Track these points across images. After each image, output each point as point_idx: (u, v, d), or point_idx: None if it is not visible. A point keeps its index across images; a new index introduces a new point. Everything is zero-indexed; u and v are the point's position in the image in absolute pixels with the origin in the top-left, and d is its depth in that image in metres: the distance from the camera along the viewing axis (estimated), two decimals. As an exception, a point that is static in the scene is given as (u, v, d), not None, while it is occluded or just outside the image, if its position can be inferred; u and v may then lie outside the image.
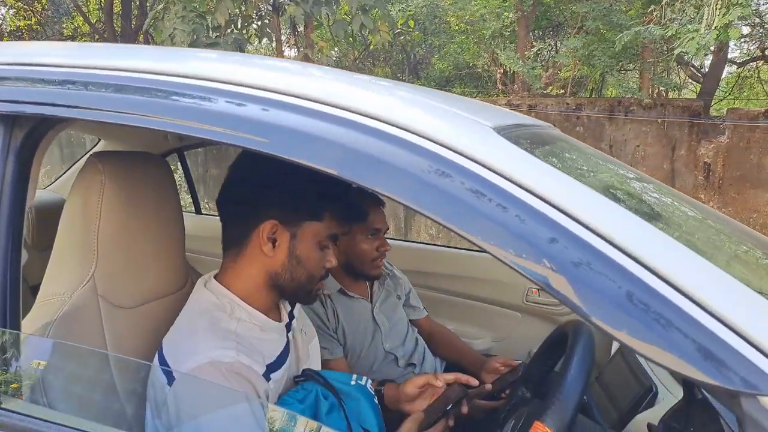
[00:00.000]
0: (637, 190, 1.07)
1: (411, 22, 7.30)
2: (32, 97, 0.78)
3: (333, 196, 1.03)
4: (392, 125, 0.61)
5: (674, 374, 0.99)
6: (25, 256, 0.85)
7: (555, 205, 0.56)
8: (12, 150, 0.79)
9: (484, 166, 0.59)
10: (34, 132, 0.82)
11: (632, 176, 1.16)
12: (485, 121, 0.69)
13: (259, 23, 5.78)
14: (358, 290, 1.66)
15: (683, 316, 0.48)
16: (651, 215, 0.87)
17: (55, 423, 0.70)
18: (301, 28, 7.05)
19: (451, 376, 1.15)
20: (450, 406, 1.07)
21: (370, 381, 1.10)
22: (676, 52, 3.94)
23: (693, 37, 3.43)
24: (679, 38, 3.66)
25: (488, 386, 1.31)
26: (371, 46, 6.71)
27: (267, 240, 0.98)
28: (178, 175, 3.56)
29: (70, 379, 0.90)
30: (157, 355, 0.96)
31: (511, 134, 0.71)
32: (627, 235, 0.54)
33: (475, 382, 1.15)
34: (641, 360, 1.29)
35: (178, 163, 2.48)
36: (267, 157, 1.01)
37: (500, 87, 7.41)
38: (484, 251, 0.57)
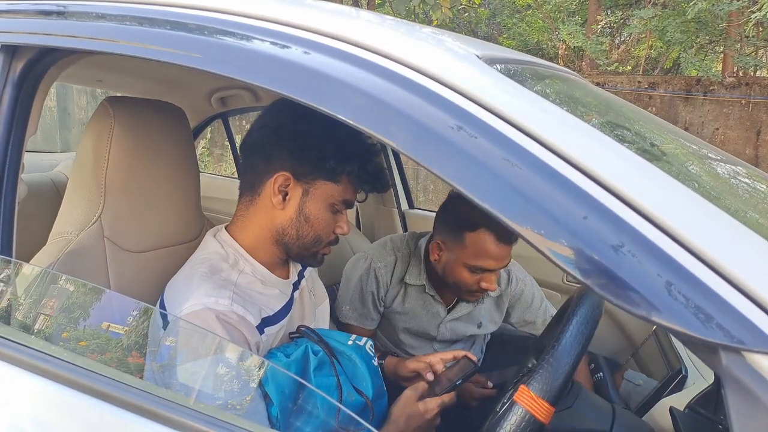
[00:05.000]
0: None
1: (476, -1, 7.05)
2: (31, 28, 0.79)
3: (353, 160, 0.99)
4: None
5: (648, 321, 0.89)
6: (24, 190, 0.87)
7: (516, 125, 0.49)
8: (9, 81, 0.81)
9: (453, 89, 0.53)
10: (36, 66, 0.83)
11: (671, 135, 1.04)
12: (471, 48, 0.63)
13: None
14: (444, 298, 1.50)
15: (649, 247, 0.40)
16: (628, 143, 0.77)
17: (48, 354, 0.71)
18: (363, 6, 7.01)
19: (449, 355, 1.12)
20: (460, 381, 1.05)
21: (370, 342, 1.06)
22: (754, 16, 3.55)
23: (773, -2, 3.06)
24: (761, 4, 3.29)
25: (489, 384, 1.27)
26: (434, 23, 6.56)
27: (277, 192, 0.97)
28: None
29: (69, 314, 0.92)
30: (159, 299, 0.97)
31: (504, 68, 0.64)
32: (587, 155, 0.46)
33: (474, 357, 1.11)
34: (676, 342, 1.18)
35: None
36: (294, 109, 0.99)
37: (562, 64, 7.04)
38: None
